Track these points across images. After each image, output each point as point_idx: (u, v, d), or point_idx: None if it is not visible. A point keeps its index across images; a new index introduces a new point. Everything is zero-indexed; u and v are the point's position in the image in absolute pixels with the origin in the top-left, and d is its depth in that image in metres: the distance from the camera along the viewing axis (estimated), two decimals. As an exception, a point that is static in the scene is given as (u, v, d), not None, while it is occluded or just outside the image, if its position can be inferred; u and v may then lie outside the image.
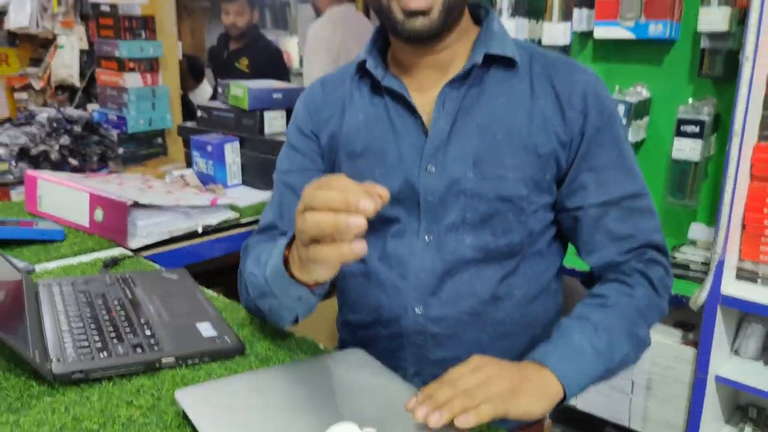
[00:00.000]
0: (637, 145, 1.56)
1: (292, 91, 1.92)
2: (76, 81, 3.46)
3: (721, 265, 1.20)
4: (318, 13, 3.27)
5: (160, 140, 3.27)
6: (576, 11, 1.52)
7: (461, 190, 0.93)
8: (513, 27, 1.56)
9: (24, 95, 3.88)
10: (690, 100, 1.42)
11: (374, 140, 0.99)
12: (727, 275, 1.23)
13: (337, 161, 1.04)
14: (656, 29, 1.42)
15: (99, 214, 1.45)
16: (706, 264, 1.33)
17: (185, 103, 3.57)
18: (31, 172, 1.61)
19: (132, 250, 1.41)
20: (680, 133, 1.38)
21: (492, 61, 0.94)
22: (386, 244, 1.00)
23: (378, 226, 1.01)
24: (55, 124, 3.02)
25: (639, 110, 1.48)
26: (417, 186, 0.95)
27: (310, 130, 1.08)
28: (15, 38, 3.90)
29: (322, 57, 2.91)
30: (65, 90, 3.66)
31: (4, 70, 3.94)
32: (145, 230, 1.45)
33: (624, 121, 1.47)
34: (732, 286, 1.21)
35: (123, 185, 1.62)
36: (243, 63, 3.47)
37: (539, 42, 1.58)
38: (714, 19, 1.28)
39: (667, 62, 1.49)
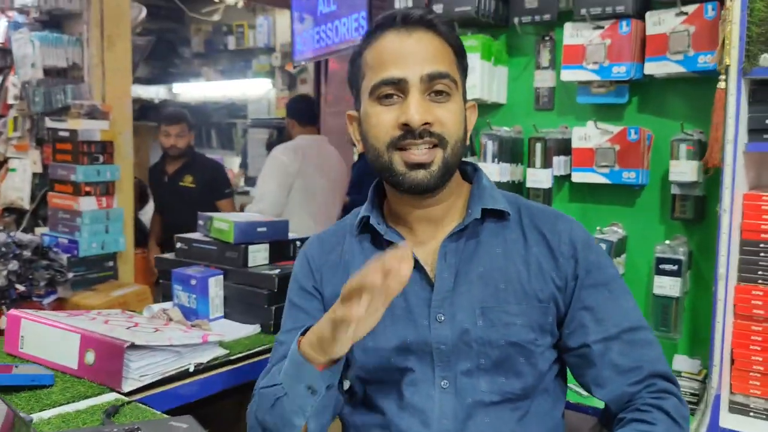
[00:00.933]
0: (617, 280, 1.67)
1: (275, 224, 1.96)
2: (26, 204, 3.37)
3: (717, 399, 1.28)
4: (287, 138, 3.42)
5: (111, 263, 3.19)
6: (555, 158, 1.67)
7: (472, 339, 0.98)
8: (497, 171, 1.68)
9: (-33, 216, 3.71)
10: (666, 241, 1.56)
11: None
12: (721, 409, 1.30)
13: None
14: (629, 176, 1.57)
15: (90, 357, 1.39)
16: (695, 395, 1.40)
17: (135, 224, 3.59)
18: (15, 312, 1.54)
19: (124, 394, 1.35)
20: (659, 271, 1.50)
21: (485, 213, 1.02)
22: (403, 394, 1.01)
23: (393, 376, 1.03)
24: (3, 249, 2.91)
25: (618, 248, 1.60)
26: (428, 336, 0.99)
27: (312, 287, 1.12)
28: (-39, 159, 3.79)
29: (276, 179, 3.02)
30: (12, 212, 3.54)
31: (-54, 191, 3.78)
32: (138, 372, 1.40)
33: (605, 259, 1.58)
34: (728, 420, 1.28)
35: (109, 323, 1.57)
36: (187, 180, 3.63)
37: (521, 185, 1.71)
38: (684, 170, 1.44)
39: (639, 204, 1.64)
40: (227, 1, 4.58)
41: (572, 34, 1.60)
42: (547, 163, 1.66)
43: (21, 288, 2.77)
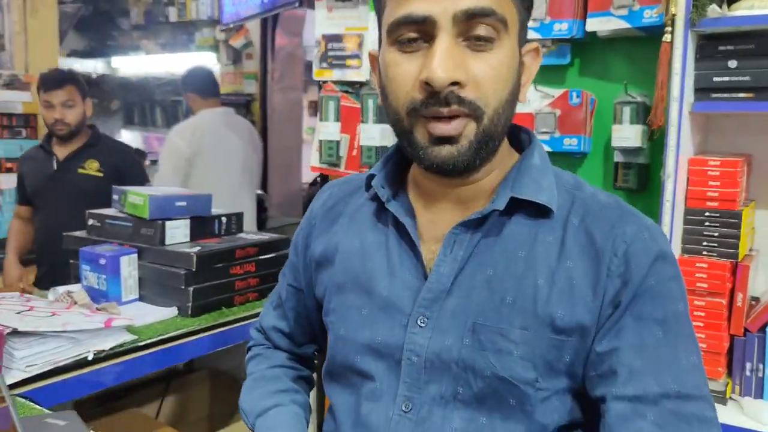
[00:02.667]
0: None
1: (196, 198, 1.80)
2: (-60, 180, 3.13)
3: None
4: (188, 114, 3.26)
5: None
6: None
7: (453, 359, 0.76)
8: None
9: None
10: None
11: (365, 274, 0.84)
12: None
13: (327, 289, 0.90)
14: (570, 143, 1.46)
15: (-33, 345, 1.23)
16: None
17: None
18: None
19: (9, 386, 1.19)
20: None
21: (521, 202, 0.77)
22: (360, 406, 0.83)
23: (353, 381, 0.85)
24: None
25: (558, 221, 1.51)
26: (402, 340, 0.79)
27: (302, 237, 0.97)
28: None
29: (170, 162, 2.88)
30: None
31: None
32: (24, 362, 1.24)
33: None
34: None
35: (-2, 307, 1.41)
36: (91, 167, 2.58)
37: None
38: (627, 135, 1.34)
39: (581, 173, 1.54)
40: (167, -31, 4.34)
41: (511, -11, 1.49)
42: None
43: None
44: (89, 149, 2.58)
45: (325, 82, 1.82)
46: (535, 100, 1.49)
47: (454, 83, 0.69)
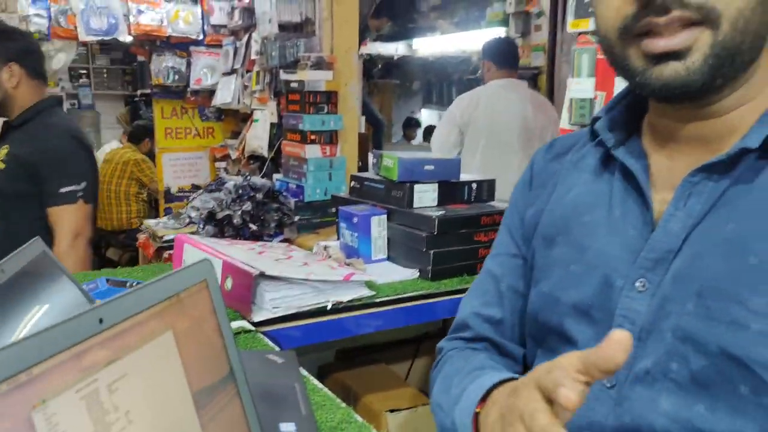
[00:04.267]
0: None
1: (445, 163, 1.79)
2: (265, 152, 3.69)
3: None
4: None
5: (334, 210, 3.32)
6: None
7: (668, 327, 0.64)
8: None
9: (223, 164, 4.22)
10: None
11: (580, 227, 0.75)
12: None
13: (532, 244, 0.83)
14: None
15: (229, 283, 1.41)
16: None
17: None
18: (180, 236, 1.64)
19: (255, 323, 1.33)
20: None
21: None
22: None
23: (552, 343, 0.76)
24: (240, 191, 3.20)
25: None
26: (614, 302, 0.68)
27: (523, 203, 0.88)
28: (221, 113, 4.30)
29: (443, 127, 2.95)
30: (256, 160, 3.92)
31: (210, 142, 4.34)
32: (272, 303, 1.38)
33: None
34: None
35: (263, 255, 1.59)
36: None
37: None
38: None
39: None
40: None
41: None
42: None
43: (253, 227, 3.03)
44: (11, 132, 2.02)
45: (580, 33, 1.65)
46: None
47: None
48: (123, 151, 5.00)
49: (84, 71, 7.71)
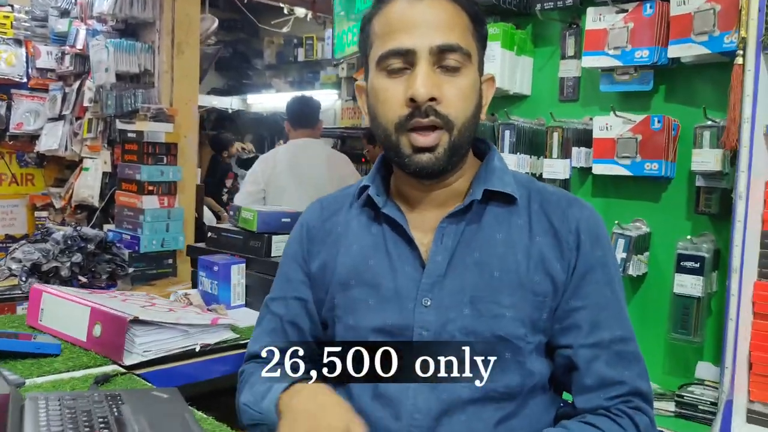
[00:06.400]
0: (639, 280, 1.56)
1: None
2: (95, 202, 3.57)
3: (729, 405, 1.16)
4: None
5: (170, 261, 3.30)
6: (575, 149, 1.59)
7: (456, 328, 0.92)
8: (514, 162, 1.62)
9: (44, 213, 3.99)
10: (688, 236, 1.44)
11: (369, 270, 0.99)
12: (737, 418, 1.18)
13: (330, 290, 1.04)
14: (651, 167, 1.47)
15: (98, 330, 1.44)
16: (716, 404, 1.28)
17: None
18: (38, 285, 1.63)
19: (126, 367, 1.39)
20: (681, 269, 1.39)
21: (491, 196, 0.95)
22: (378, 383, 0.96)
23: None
24: (69, 242, 3.08)
25: (639, 244, 1.50)
26: (411, 320, 0.93)
27: (301, 256, 1.09)
28: (42, 159, 4.08)
29: (246, 187, 3.13)
30: (84, 209, 3.77)
31: (29, 189, 4.08)
32: (143, 347, 1.44)
33: (624, 256, 1.48)
34: (743, 430, 1.16)
35: (126, 302, 1.63)
36: None
37: (540, 176, 1.64)
38: (706, 159, 1.33)
39: (665, 199, 1.53)
40: (296, 14, 4.71)
41: (595, 19, 1.53)
42: (565, 154, 1.58)
43: (83, 279, 2.92)
44: None
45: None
46: (616, 126, 1.52)
47: (432, 99, 0.89)
48: None
49: None
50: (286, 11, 4.66)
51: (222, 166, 5.17)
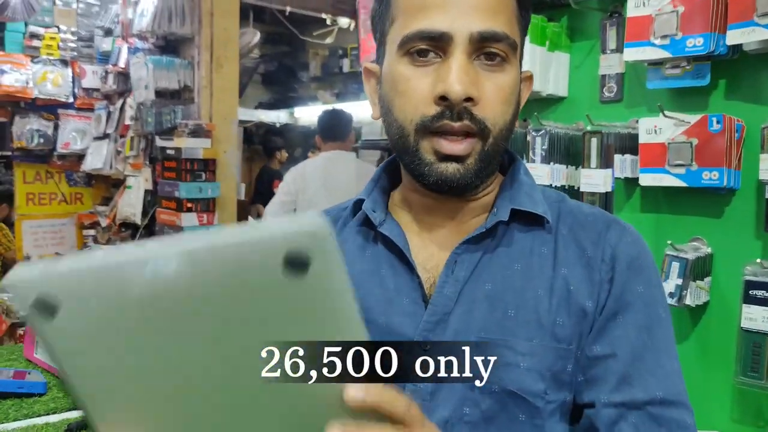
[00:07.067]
0: (699, 310, 1.32)
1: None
2: (137, 219, 3.56)
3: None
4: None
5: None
6: (618, 157, 1.37)
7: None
8: (547, 174, 1.42)
9: (92, 231, 4.02)
10: (758, 260, 1.20)
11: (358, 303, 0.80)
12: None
13: None
14: (710, 177, 1.24)
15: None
16: (796, 468, 1.04)
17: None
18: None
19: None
20: (749, 299, 1.15)
21: (515, 216, 0.76)
22: None
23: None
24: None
25: (698, 269, 1.27)
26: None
27: None
28: (90, 178, 4.12)
29: (279, 197, 3.06)
30: (128, 228, 3.76)
31: (77, 208, 4.13)
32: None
33: (680, 282, 1.26)
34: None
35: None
36: None
37: (577, 190, 1.43)
38: (778, 166, 1.10)
39: (728, 214, 1.29)
40: (340, 24, 4.61)
41: (638, 4, 1.31)
42: (606, 163, 1.36)
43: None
44: None
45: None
46: (667, 128, 1.29)
47: (468, 99, 0.69)
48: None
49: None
50: (329, 22, 4.57)
51: (270, 173, 5.15)
